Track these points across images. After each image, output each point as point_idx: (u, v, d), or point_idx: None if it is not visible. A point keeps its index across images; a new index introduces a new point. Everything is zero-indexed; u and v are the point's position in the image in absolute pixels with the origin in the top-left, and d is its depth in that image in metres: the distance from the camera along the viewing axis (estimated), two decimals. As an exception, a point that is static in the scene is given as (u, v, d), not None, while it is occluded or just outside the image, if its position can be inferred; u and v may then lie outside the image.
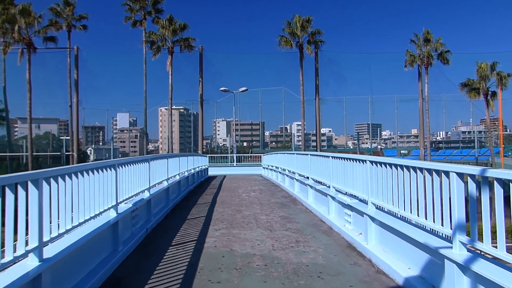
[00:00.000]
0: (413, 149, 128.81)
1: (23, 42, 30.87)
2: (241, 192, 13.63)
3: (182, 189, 12.56)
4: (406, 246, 4.73)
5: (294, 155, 12.80)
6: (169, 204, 9.78)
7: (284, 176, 15.09)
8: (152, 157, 8.16)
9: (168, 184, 9.79)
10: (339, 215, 7.57)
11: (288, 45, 35.53)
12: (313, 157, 9.92)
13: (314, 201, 9.92)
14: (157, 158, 8.77)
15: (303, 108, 36.07)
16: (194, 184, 16.00)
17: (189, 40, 35.36)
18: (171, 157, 10.69)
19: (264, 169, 24.80)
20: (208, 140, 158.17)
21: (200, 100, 37.42)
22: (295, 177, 12.41)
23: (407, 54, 37.82)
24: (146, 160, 7.57)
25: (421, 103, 38.49)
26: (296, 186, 12.37)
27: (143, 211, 7.25)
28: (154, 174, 8.44)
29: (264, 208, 9.85)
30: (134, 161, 6.71)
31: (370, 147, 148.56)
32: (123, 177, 6.01)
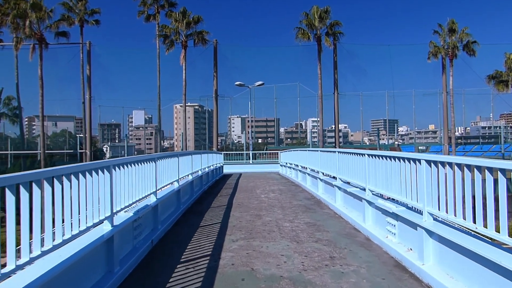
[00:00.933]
0: (431, 145, 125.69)
1: (35, 37, 30.42)
2: (259, 193, 12.54)
3: (195, 190, 11.55)
4: (485, 272, 3.56)
5: (317, 152, 11.62)
6: (180, 208, 8.76)
7: (305, 175, 13.93)
8: (159, 156, 7.13)
9: (179, 186, 8.77)
10: (378, 224, 6.40)
11: (305, 38, 34.16)
12: (342, 155, 8.74)
13: (343, 204, 8.75)
14: (165, 157, 7.74)
15: (321, 103, 34.77)
16: (208, 183, 15.00)
17: (203, 34, 34.35)
18: (182, 156, 9.67)
19: (282, 166, 23.68)
20: (223, 137, 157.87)
21: (215, 95, 36.44)
22: (318, 177, 11.25)
23: (431, 45, 35.98)
24: (152, 160, 6.54)
25: (445, 97, 36.64)
26: (320, 186, 11.21)
27: (148, 219, 6.23)
28: (162, 175, 7.42)
29: (286, 213, 8.73)
30: (136, 160, 5.68)
31: (387, 143, 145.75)
32: (122, 180, 4.99)
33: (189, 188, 10.84)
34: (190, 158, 10.97)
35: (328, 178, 10.48)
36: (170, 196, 7.89)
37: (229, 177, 20.28)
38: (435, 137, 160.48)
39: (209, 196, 11.96)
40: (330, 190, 10.08)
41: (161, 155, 7.23)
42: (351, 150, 8.54)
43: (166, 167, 7.87)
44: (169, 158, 8.20)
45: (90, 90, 34.34)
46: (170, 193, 7.94)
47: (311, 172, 13.24)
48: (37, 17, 29.74)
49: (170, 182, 8.23)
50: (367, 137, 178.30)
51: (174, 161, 8.59)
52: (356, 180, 7.74)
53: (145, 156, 6.48)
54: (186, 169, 10.44)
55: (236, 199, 11.03)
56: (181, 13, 33.91)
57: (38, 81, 30.40)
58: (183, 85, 34.14)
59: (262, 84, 28.55)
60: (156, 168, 6.74)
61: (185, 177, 10.41)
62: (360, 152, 7.40)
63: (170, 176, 8.21)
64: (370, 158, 6.70)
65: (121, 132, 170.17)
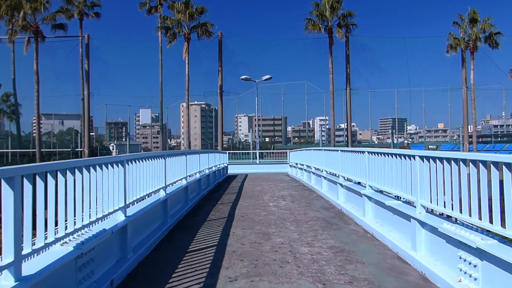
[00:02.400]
0: (441, 144, 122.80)
1: (30, 29, 28.82)
2: (267, 200, 10.64)
3: (190, 197, 9.69)
4: None
5: (337, 152, 9.67)
6: (167, 223, 6.89)
7: (320, 179, 11.99)
8: (133, 157, 5.28)
9: (165, 195, 6.92)
10: (440, 257, 4.46)
11: (316, 29, 32.09)
12: (374, 157, 6.80)
13: (375, 219, 6.82)
14: (144, 157, 5.87)
15: (333, 99, 32.70)
16: (209, 187, 13.14)
17: (207, 26, 32.45)
18: (172, 156, 7.80)
19: (291, 167, 21.79)
20: (230, 136, 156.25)
21: (220, 91, 34.57)
22: (338, 182, 9.32)
23: (450, 37, 33.71)
24: (120, 162, 4.69)
25: (464, 93, 34.36)
26: (341, 194, 9.28)
27: (109, 247, 4.37)
28: (140, 182, 5.58)
29: (302, 230, 6.82)
30: (91, 164, 3.83)
31: (396, 142, 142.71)
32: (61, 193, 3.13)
33: (183, 195, 8.98)
34: (184, 159, 9.11)
35: (351, 184, 8.56)
36: (152, 209, 6.04)
37: (234, 179, 18.41)
38: (445, 135, 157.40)
39: (207, 203, 10.09)
40: (355, 199, 8.15)
41: (133, 157, 5.35)
42: (385, 150, 6.62)
43: (148, 172, 6.02)
44: (152, 159, 6.33)
45: (88, 86, 32.68)
46: (153, 205, 6.08)
47: (327, 175, 11.32)
48: (31, 8, 28.11)
49: (152, 191, 6.37)
50: (375, 135, 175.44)
51: (158, 163, 6.72)
52: (395, 190, 5.81)
53: (111, 157, 4.60)
54: (179, 172, 8.59)
55: (239, 209, 9.14)
56: (183, 4, 32.01)
57: (34, 76, 28.84)
58: (186, 80, 32.34)
59: (269, 78, 26.59)
60: (126, 174, 4.88)
61: (177, 182, 8.56)
62: (403, 153, 5.48)
63: (153, 182, 6.35)
64: (423, 162, 4.78)
65: (128, 130, 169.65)
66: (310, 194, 11.83)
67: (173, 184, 8.16)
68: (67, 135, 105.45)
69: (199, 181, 11.29)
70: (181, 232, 6.75)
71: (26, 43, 29.43)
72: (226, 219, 7.89)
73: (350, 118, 33.98)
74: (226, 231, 6.66)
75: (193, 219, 7.87)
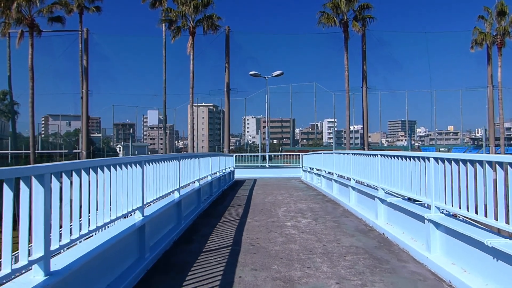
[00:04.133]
0: (453, 147, 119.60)
1: (24, 22, 27.05)
2: (283, 216, 8.46)
3: (185, 214, 7.56)
4: None
5: (377, 158, 7.44)
6: (145, 259, 4.72)
7: (347, 189, 9.77)
8: (91, 165, 3.17)
9: (142, 220, 4.78)
10: None
11: (330, 22, 29.83)
12: (447, 166, 4.59)
13: (446, 257, 4.61)
14: (119, 163, 3.75)
15: (348, 98, 30.36)
16: (211, 197, 11.00)
17: (213, 18, 30.36)
18: (161, 161, 5.67)
19: (305, 172, 19.61)
20: (238, 138, 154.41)
21: (227, 89, 32.47)
22: (378, 196, 7.12)
23: (475, 32, 31.22)
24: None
25: (490, 91, 31.84)
26: (381, 212, 7.08)
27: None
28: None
29: (341, 273, 4.61)
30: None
31: (407, 145, 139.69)
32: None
33: (174, 213, 6.85)
34: (177, 165, 6.97)
35: (400, 201, 6.35)
36: (121, 240, 3.91)
37: (241, 186, 16.27)
38: (456, 138, 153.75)
39: (207, 222, 7.94)
40: (408, 222, 5.95)
41: (97, 163, 3.22)
42: (454, 155, 4.45)
43: (124, 183, 3.92)
44: (130, 165, 4.23)
45: (87, 83, 30.74)
46: (123, 235, 3.96)
47: (357, 185, 9.12)
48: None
49: (123, 215, 4.22)
50: (384, 138, 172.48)
51: (134, 173, 4.59)
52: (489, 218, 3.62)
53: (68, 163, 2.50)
54: (171, 182, 6.49)
55: (248, 231, 6.96)
56: (188, -5, 29.96)
57: (28, 72, 26.97)
58: (190, 78, 30.33)
59: (281, 74, 24.41)
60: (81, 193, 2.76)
61: (166, 196, 6.44)
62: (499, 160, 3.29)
63: (126, 199, 4.23)
64: None
65: (135, 132, 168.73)
66: (335, 208, 9.62)
67: (161, 199, 6.05)
68: (73, 136, 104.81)
69: (198, 191, 9.15)
70: (161, 276, 4.59)
71: (19, 36, 27.62)
72: (230, 249, 5.72)
73: (366, 119, 31.64)
74: (229, 276, 4.49)
75: (183, 251, 5.70)
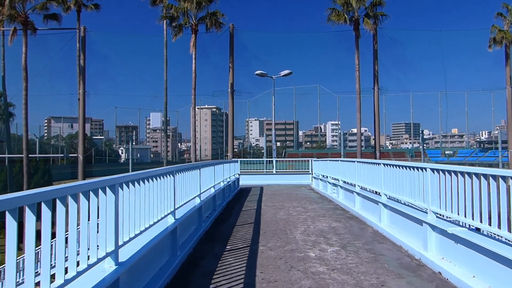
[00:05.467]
0: (458, 150, 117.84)
1: (18, 20, 25.68)
2: (302, 242, 6.88)
3: (182, 242, 6.01)
4: None
5: (427, 172, 5.85)
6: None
7: (378, 207, 8.19)
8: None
9: (115, 271, 3.23)
10: None
11: (341, 20, 28.28)
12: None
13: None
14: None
15: (359, 99, 28.73)
16: (214, 213, 9.45)
17: (217, 15, 28.85)
18: (149, 179, 4.14)
19: (316, 179, 18.07)
20: (241, 140, 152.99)
21: (231, 90, 30.94)
22: (426, 221, 5.57)
23: (493, 30, 29.58)
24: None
25: (509, 93, 30.14)
26: (432, 241, 5.52)
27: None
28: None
29: None
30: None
31: (411, 148, 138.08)
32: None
33: (167, 244, 5.30)
34: (171, 182, 5.43)
35: (465, 232, 4.79)
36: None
37: (247, 195, 14.75)
38: (461, 141, 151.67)
39: (209, 251, 6.39)
40: (480, 261, 4.37)
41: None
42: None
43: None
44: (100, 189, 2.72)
45: (84, 84, 29.27)
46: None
47: (389, 202, 7.57)
48: (19, -6, 24.92)
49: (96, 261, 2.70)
50: (388, 141, 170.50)
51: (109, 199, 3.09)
52: None
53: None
54: (162, 205, 4.96)
55: (262, 269, 5.39)
56: (190, -10, 28.46)
57: (22, 72, 25.54)
58: (192, 78, 28.80)
59: (289, 74, 22.88)
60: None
61: (158, 222, 4.89)
62: None
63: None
64: None
65: (138, 134, 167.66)
66: (362, 229, 8.04)
67: (148, 231, 4.52)
68: (75, 138, 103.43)
69: (199, 209, 7.60)
70: None
71: (12, 34, 26.21)
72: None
73: (378, 122, 30.01)
74: None
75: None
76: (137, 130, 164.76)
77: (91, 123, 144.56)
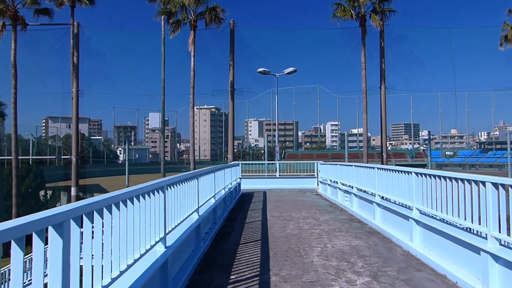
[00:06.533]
0: (459, 150, 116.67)
1: (7, 14, 24.42)
2: (323, 270, 5.64)
3: (174, 274, 4.79)
4: None
5: (488, 186, 4.64)
6: None
7: (409, 224, 6.98)
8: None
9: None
10: None
11: (347, 15, 27.05)
12: None
13: None
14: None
15: (366, 99, 27.51)
16: (215, 228, 8.22)
17: (217, 11, 27.60)
18: (129, 201, 2.93)
19: (323, 184, 16.90)
20: (240, 141, 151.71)
21: (231, 89, 29.71)
22: (486, 250, 4.36)
23: (505, 27, 28.41)
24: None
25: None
26: (497, 274, 4.31)
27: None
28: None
29: None
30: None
31: (411, 148, 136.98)
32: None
33: (156, 281, 4.07)
34: (161, 200, 4.20)
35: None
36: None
37: (250, 202, 13.55)
38: (461, 142, 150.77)
39: (208, 282, 5.17)
40: None
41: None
42: None
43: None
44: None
45: (77, 82, 28.00)
46: None
47: (422, 218, 6.36)
48: (8, -12, 23.66)
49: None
50: (387, 141, 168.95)
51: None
52: None
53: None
54: (148, 233, 3.75)
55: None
56: (189, -16, 27.18)
57: (11, 69, 24.28)
58: (191, 76, 27.58)
59: (293, 71, 21.66)
60: None
61: (145, 255, 3.68)
62: None
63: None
64: None
65: (137, 134, 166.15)
66: (390, 249, 6.82)
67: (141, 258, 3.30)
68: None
69: (198, 228, 6.37)
70: None
71: (0, 29, 24.93)
72: None
73: (385, 122, 28.82)
74: None
75: None
76: (136, 130, 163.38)
77: (89, 123, 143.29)
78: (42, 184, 33.43)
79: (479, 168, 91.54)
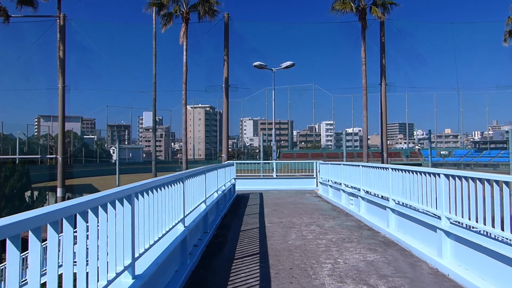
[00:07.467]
0: (454, 150, 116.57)
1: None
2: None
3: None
4: None
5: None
6: None
7: (438, 235, 5.88)
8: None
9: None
10: None
11: (346, 8, 25.97)
12: None
13: None
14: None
15: (366, 96, 26.46)
16: (205, 238, 7.06)
17: (211, 2, 26.34)
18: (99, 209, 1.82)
19: (323, 185, 15.81)
20: (234, 140, 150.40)
21: (225, 85, 28.53)
22: None
23: (509, 22, 27.52)
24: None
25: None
26: None
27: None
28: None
29: None
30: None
31: (406, 147, 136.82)
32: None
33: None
34: (128, 214, 3.07)
35: None
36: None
37: (245, 206, 12.42)
38: (456, 141, 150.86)
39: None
40: None
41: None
42: None
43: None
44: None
45: (63, 78, 26.64)
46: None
47: (452, 228, 5.28)
48: (-13, -25, 22.31)
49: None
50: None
51: None
52: None
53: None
54: (118, 251, 2.59)
55: None
56: (181, -25, 25.90)
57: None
58: (183, 71, 26.33)
59: (291, 66, 20.52)
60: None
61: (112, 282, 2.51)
62: None
63: None
64: None
65: (130, 133, 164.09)
66: (415, 267, 5.71)
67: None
68: (67, 137, 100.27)
69: (183, 242, 5.22)
70: None
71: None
72: None
73: (385, 120, 27.81)
74: None
75: None
76: (129, 129, 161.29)
77: (82, 122, 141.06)
78: (27, 185, 32.06)
79: (474, 168, 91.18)
